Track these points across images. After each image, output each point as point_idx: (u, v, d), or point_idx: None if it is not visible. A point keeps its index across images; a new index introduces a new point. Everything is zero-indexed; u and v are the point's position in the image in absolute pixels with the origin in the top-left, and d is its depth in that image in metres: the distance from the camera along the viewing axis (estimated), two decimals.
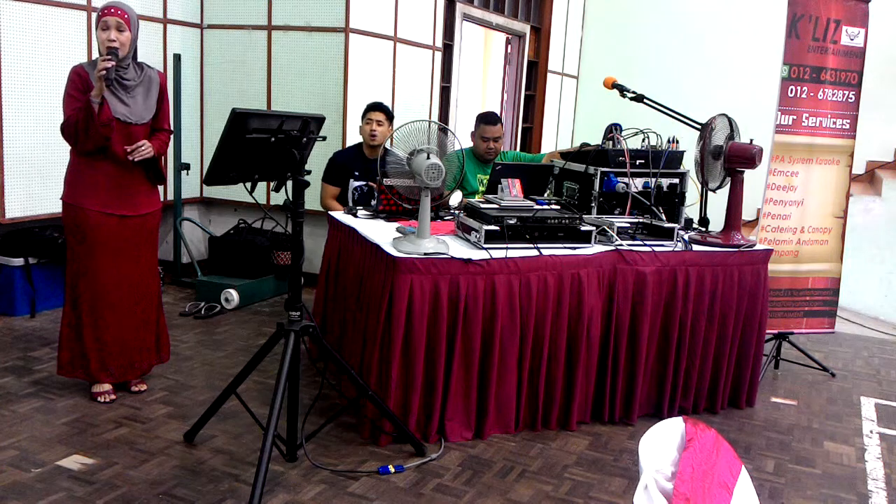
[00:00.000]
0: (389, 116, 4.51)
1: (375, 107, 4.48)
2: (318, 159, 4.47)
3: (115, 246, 3.25)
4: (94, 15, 4.54)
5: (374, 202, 4.01)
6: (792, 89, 4.22)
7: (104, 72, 2.96)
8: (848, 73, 4.34)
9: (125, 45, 3.10)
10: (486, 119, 4.49)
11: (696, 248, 3.52)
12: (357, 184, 4.51)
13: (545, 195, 3.83)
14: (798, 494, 2.95)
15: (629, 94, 3.92)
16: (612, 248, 3.33)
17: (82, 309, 3.25)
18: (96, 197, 3.18)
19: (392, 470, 2.85)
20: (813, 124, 4.30)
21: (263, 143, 2.59)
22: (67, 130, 3.09)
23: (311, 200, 4.17)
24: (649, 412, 3.55)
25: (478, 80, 8.34)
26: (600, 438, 3.29)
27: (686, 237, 3.60)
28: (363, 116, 4.51)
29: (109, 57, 2.99)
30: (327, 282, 3.94)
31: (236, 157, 2.60)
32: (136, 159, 3.17)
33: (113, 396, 3.33)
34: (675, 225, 3.50)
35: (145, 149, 3.19)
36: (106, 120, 3.04)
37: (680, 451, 1.61)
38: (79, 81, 3.10)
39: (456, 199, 4.04)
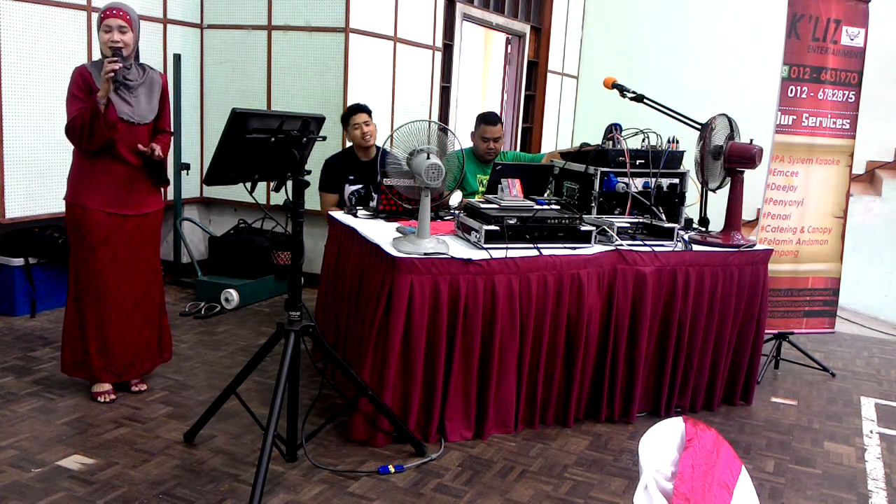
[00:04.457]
0: (370, 112, 4.49)
1: (357, 109, 4.45)
2: (318, 159, 4.48)
3: (117, 245, 3.25)
4: (94, 15, 4.55)
5: (372, 203, 4.00)
6: (792, 89, 4.22)
7: (111, 73, 2.98)
8: (848, 73, 4.34)
9: (129, 45, 3.12)
10: (487, 119, 4.49)
11: (696, 248, 3.52)
12: (353, 188, 4.49)
13: (545, 195, 3.83)
14: (798, 494, 2.95)
15: (629, 94, 3.91)
16: (612, 248, 3.33)
17: (85, 309, 3.25)
18: (99, 197, 3.19)
19: (392, 470, 2.85)
20: (813, 124, 4.30)
21: (263, 143, 2.59)
22: (72, 131, 3.10)
23: (311, 200, 4.16)
24: (647, 409, 3.55)
25: (478, 80, 8.33)
26: (600, 438, 3.29)
27: (686, 237, 3.60)
28: (347, 123, 4.47)
29: (116, 58, 3.00)
30: (327, 282, 3.94)
31: (236, 157, 2.60)
32: (147, 152, 3.18)
33: (113, 396, 3.33)
34: (675, 225, 3.50)
35: (160, 150, 3.24)
36: (112, 120, 3.06)
37: (680, 451, 1.61)
38: (81, 81, 3.11)
39: (456, 199, 4.03)
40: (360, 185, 4.48)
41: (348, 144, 4.64)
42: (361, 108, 4.45)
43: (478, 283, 3.03)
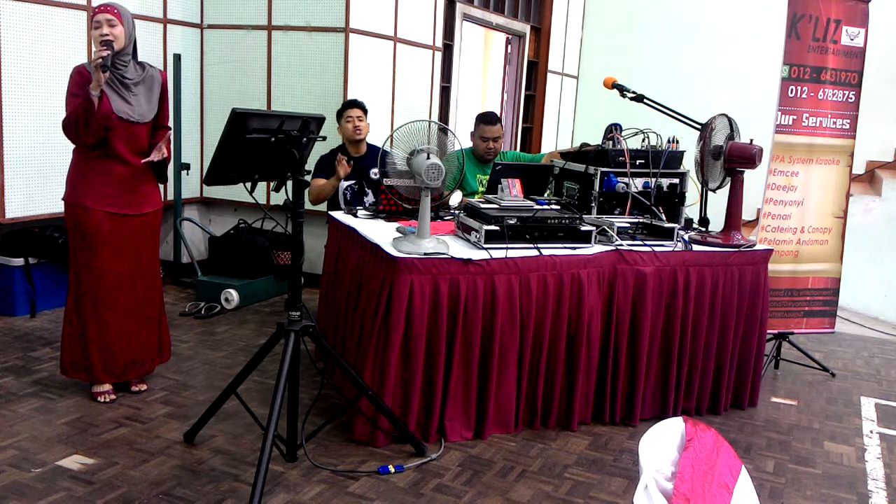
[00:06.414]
0: (365, 110, 4.57)
1: (351, 104, 4.53)
2: (317, 158, 4.48)
3: (117, 245, 3.25)
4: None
5: (367, 197, 3.99)
6: (792, 89, 4.22)
7: (100, 60, 2.99)
8: (848, 73, 4.34)
9: (119, 38, 3.12)
10: (486, 119, 4.49)
11: (696, 248, 3.52)
12: (347, 183, 4.49)
13: (545, 195, 3.83)
14: (798, 494, 2.95)
15: (629, 94, 3.91)
16: (612, 248, 3.33)
17: (85, 309, 3.25)
18: (98, 196, 3.19)
19: (392, 470, 2.85)
20: (813, 124, 4.30)
21: (263, 143, 2.59)
22: (68, 126, 3.11)
23: None
24: (653, 413, 3.52)
25: (478, 80, 8.33)
26: (600, 438, 3.29)
27: (686, 237, 3.60)
28: (341, 117, 4.53)
29: (105, 47, 3.02)
30: (328, 282, 3.94)
31: (236, 157, 2.60)
32: (156, 160, 3.24)
33: (113, 396, 3.33)
34: (675, 225, 3.50)
35: (165, 151, 3.27)
36: (105, 112, 3.07)
37: (680, 451, 1.61)
38: (80, 80, 3.12)
39: (456, 199, 4.03)
40: (353, 181, 4.50)
41: (338, 142, 4.66)
42: (357, 104, 4.53)
43: (478, 283, 3.03)
